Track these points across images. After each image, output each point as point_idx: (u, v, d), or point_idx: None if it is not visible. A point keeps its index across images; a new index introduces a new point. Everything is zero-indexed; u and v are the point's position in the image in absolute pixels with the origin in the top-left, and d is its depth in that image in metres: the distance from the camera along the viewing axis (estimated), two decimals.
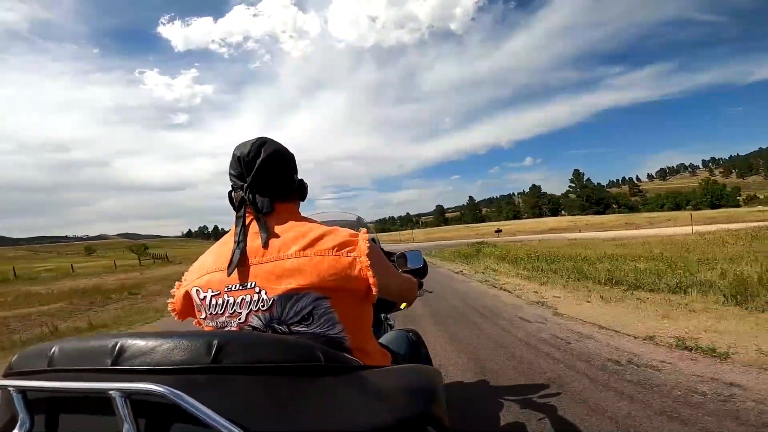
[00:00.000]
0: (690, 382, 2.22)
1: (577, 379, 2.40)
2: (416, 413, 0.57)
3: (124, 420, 0.43)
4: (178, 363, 0.48)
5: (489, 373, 2.66)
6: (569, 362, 2.74)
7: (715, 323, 3.29)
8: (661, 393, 2.11)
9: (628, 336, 3.21)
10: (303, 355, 0.53)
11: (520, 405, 2.09)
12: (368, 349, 0.80)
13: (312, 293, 0.70)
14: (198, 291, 0.76)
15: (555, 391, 2.26)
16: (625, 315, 3.92)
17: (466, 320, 4.37)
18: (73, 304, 9.05)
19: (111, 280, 16.04)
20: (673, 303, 4.17)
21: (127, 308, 7.99)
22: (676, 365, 2.50)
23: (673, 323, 3.44)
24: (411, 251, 1.53)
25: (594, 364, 2.65)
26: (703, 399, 2.00)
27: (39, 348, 0.56)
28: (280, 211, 0.81)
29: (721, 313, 3.60)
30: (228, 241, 0.80)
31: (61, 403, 0.51)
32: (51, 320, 6.65)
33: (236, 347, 0.51)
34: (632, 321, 3.65)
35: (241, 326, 0.72)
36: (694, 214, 40.77)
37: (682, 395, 2.06)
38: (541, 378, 2.48)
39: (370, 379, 0.57)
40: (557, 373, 2.55)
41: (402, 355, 1.11)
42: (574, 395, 2.18)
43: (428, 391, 0.64)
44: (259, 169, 0.80)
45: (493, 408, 2.09)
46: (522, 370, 2.66)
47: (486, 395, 2.34)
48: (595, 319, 3.84)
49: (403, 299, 1.05)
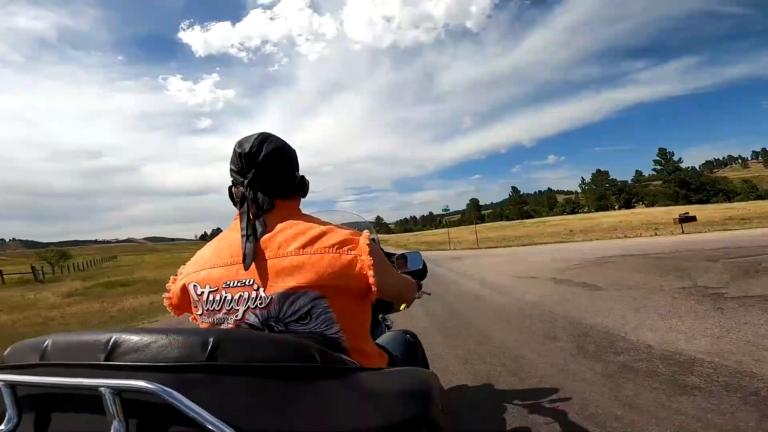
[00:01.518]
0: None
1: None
2: (412, 416, 0.57)
3: (114, 417, 0.42)
4: (171, 360, 0.48)
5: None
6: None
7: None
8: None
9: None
10: (299, 356, 0.53)
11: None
12: (365, 349, 0.79)
13: (310, 292, 0.70)
14: (195, 286, 0.75)
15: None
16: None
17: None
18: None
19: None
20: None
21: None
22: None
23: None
24: (411, 252, 1.53)
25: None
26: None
27: (33, 341, 0.56)
28: (281, 208, 0.81)
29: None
30: (227, 237, 0.79)
31: (52, 399, 0.50)
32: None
33: (232, 345, 0.50)
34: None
35: (238, 323, 0.71)
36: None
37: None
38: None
39: (365, 381, 0.56)
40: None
41: (399, 357, 1.11)
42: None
43: (424, 394, 0.64)
44: (261, 166, 0.80)
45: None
46: None
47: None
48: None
49: (402, 300, 1.04)
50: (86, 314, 7.80)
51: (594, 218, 46.13)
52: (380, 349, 0.92)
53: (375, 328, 1.52)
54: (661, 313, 3.61)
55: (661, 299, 4.09)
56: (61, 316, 7.75)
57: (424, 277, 1.49)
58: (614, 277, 5.71)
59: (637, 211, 57.01)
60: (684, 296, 4.09)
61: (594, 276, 6.04)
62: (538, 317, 4.05)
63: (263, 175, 0.80)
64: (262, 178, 0.80)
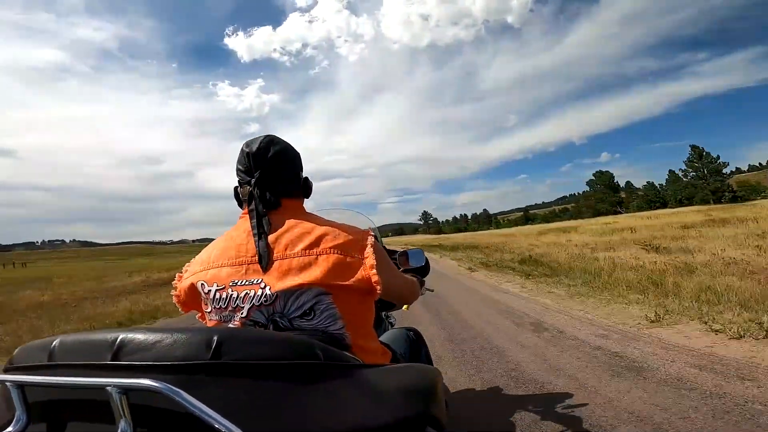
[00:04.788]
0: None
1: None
2: (415, 413, 0.57)
3: (121, 416, 0.43)
4: (177, 359, 0.48)
5: None
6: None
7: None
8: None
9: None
10: (302, 353, 0.53)
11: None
12: (368, 346, 0.80)
13: (314, 288, 0.71)
14: (203, 285, 0.77)
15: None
16: None
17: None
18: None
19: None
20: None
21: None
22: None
23: None
24: (413, 249, 1.53)
25: None
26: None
27: (41, 342, 0.56)
28: (287, 206, 0.83)
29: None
30: (233, 236, 0.81)
31: (60, 399, 0.51)
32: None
33: (236, 344, 0.50)
34: None
35: (244, 321, 0.72)
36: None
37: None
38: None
39: (369, 378, 0.57)
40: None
41: (402, 354, 1.11)
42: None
43: (427, 390, 0.64)
44: (268, 165, 0.82)
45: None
46: None
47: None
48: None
49: (405, 301, 1.05)
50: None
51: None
52: (383, 347, 0.93)
53: (378, 325, 1.53)
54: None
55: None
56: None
57: (426, 274, 1.49)
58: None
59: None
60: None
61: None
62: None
63: (270, 174, 0.83)
64: (269, 176, 0.82)
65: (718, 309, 3.46)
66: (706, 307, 3.56)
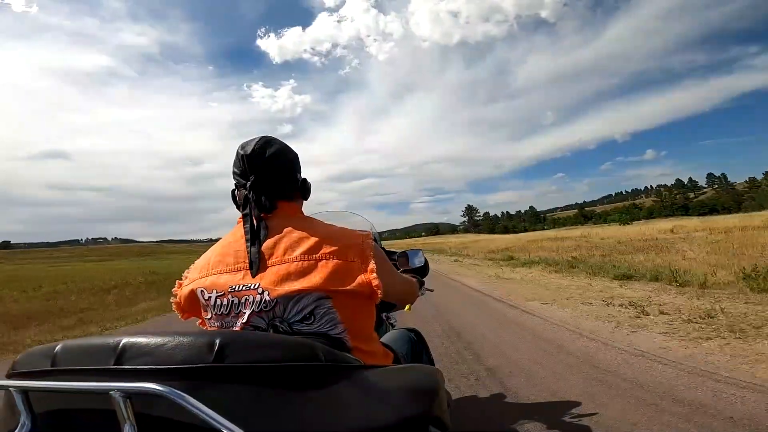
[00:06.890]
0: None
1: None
2: (418, 413, 0.57)
3: (125, 420, 0.43)
4: (180, 363, 0.48)
5: None
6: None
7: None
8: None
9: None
10: (304, 355, 0.53)
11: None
12: (370, 348, 0.80)
13: (314, 293, 0.71)
14: (203, 291, 0.76)
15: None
16: None
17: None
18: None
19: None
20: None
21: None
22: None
23: None
24: (412, 250, 1.53)
25: None
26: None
27: (44, 348, 0.56)
28: (284, 209, 0.82)
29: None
30: (231, 241, 0.80)
31: (64, 404, 0.51)
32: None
33: (238, 347, 0.51)
34: None
35: (244, 326, 0.72)
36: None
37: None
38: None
39: (371, 379, 0.57)
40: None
41: (403, 355, 1.11)
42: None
43: (430, 390, 0.64)
44: (263, 167, 0.81)
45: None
46: None
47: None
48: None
49: (405, 302, 1.05)
50: None
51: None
52: (385, 348, 0.93)
53: (379, 326, 1.53)
54: None
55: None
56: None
57: (425, 275, 1.49)
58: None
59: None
60: None
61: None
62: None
63: (266, 176, 0.81)
64: (264, 179, 0.81)
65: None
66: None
